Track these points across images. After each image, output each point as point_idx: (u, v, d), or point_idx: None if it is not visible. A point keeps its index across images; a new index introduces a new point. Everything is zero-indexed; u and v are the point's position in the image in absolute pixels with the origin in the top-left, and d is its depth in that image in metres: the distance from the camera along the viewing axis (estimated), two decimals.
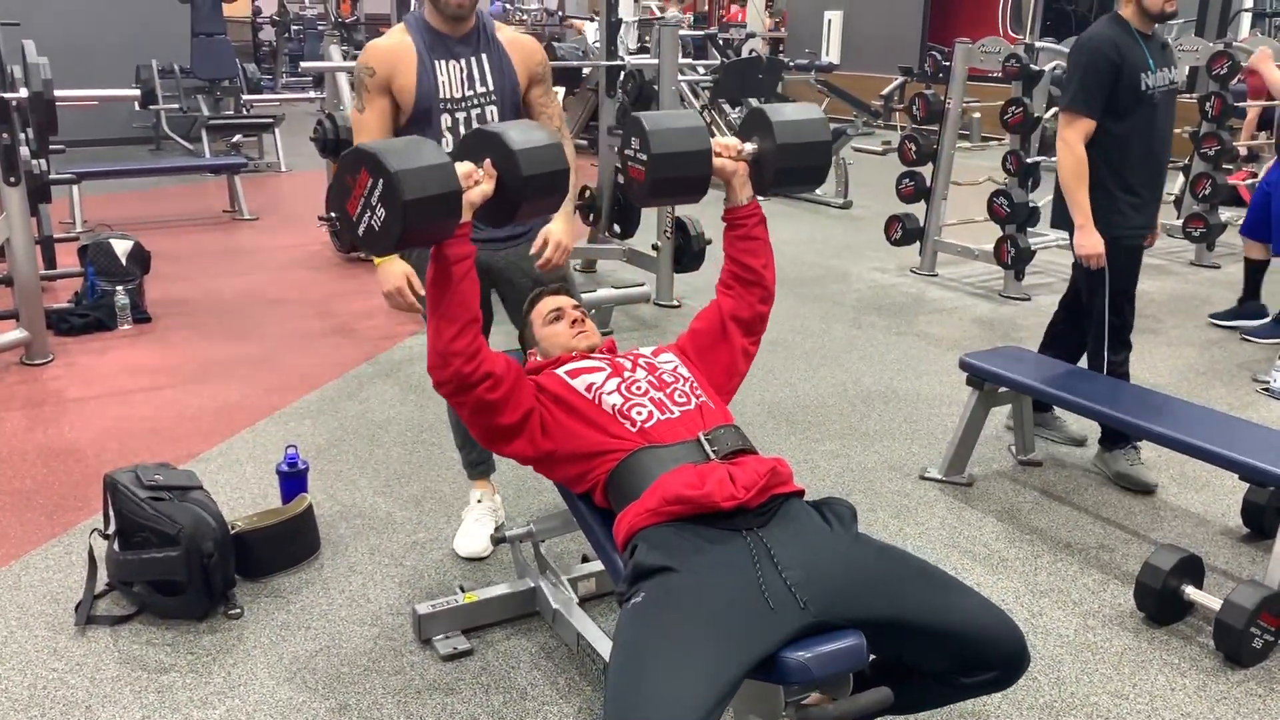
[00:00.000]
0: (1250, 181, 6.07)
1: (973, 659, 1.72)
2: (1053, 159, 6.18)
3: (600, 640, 2.26)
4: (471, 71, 2.62)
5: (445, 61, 2.59)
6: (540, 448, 2.01)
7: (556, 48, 9.33)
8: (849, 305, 5.49)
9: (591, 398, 2.01)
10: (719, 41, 9.68)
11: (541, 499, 3.14)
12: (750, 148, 2.13)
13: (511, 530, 2.49)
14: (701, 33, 10.87)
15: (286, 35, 15.01)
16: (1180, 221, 6.27)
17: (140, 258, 5.04)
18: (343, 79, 5.84)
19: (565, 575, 2.53)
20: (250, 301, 5.31)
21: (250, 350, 4.55)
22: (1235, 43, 6.34)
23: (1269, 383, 4.26)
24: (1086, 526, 3.12)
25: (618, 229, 5.70)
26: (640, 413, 1.97)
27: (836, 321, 5.18)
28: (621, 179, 5.42)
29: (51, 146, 5.19)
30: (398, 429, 3.68)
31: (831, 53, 13.30)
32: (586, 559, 2.74)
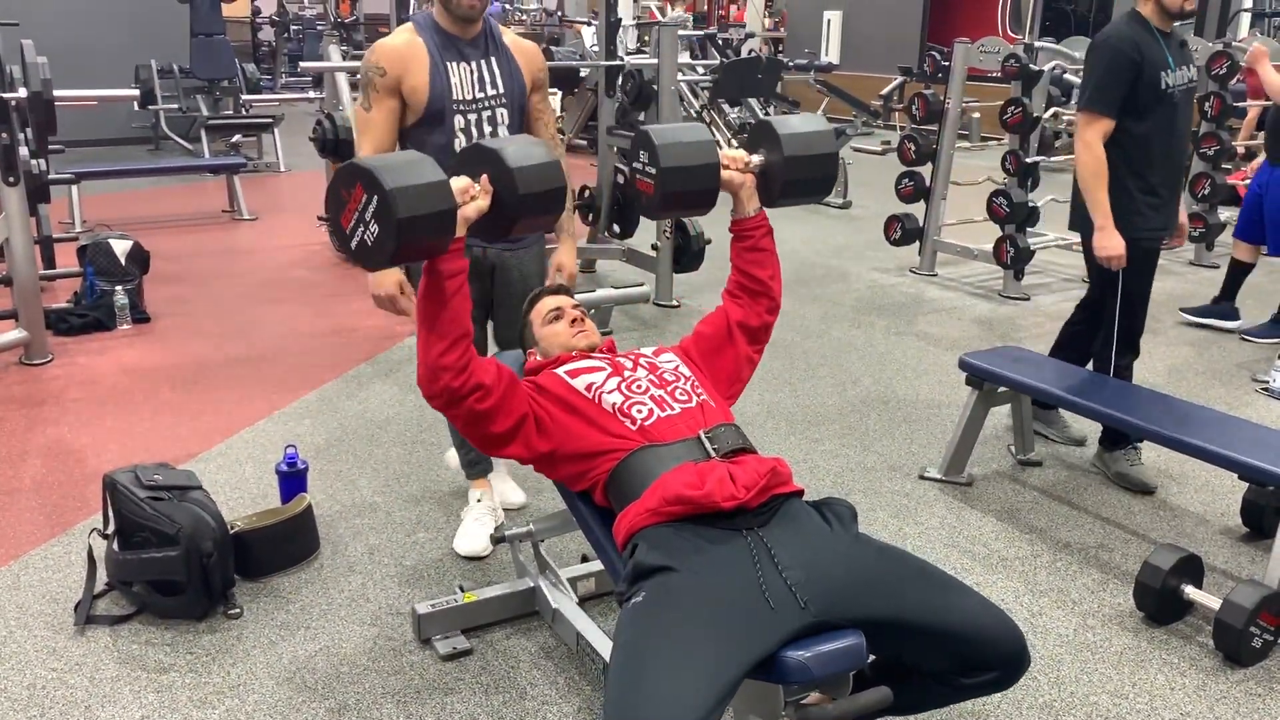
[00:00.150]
0: (1249, 181, 6.07)
1: (973, 659, 1.72)
2: (1052, 159, 6.23)
3: (600, 640, 2.26)
4: (482, 74, 2.64)
5: (456, 63, 2.61)
6: (536, 450, 2.01)
7: (554, 50, 9.32)
8: (848, 305, 5.50)
9: (592, 397, 2.01)
10: (718, 41, 9.66)
11: (541, 498, 3.15)
12: (757, 159, 2.14)
13: (511, 530, 2.49)
14: (700, 32, 10.86)
15: (286, 35, 15.01)
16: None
17: (139, 258, 5.04)
18: (342, 79, 5.84)
19: (565, 575, 2.53)
20: (249, 301, 5.31)
21: (249, 350, 4.55)
22: (1235, 42, 6.34)
23: (1268, 382, 4.27)
24: (1086, 526, 3.12)
25: (617, 229, 5.71)
26: (641, 410, 1.97)
27: (836, 321, 5.18)
28: (623, 185, 5.47)
29: (50, 146, 5.20)
30: (397, 429, 3.68)
31: (831, 53, 13.29)
32: (586, 558, 2.74)
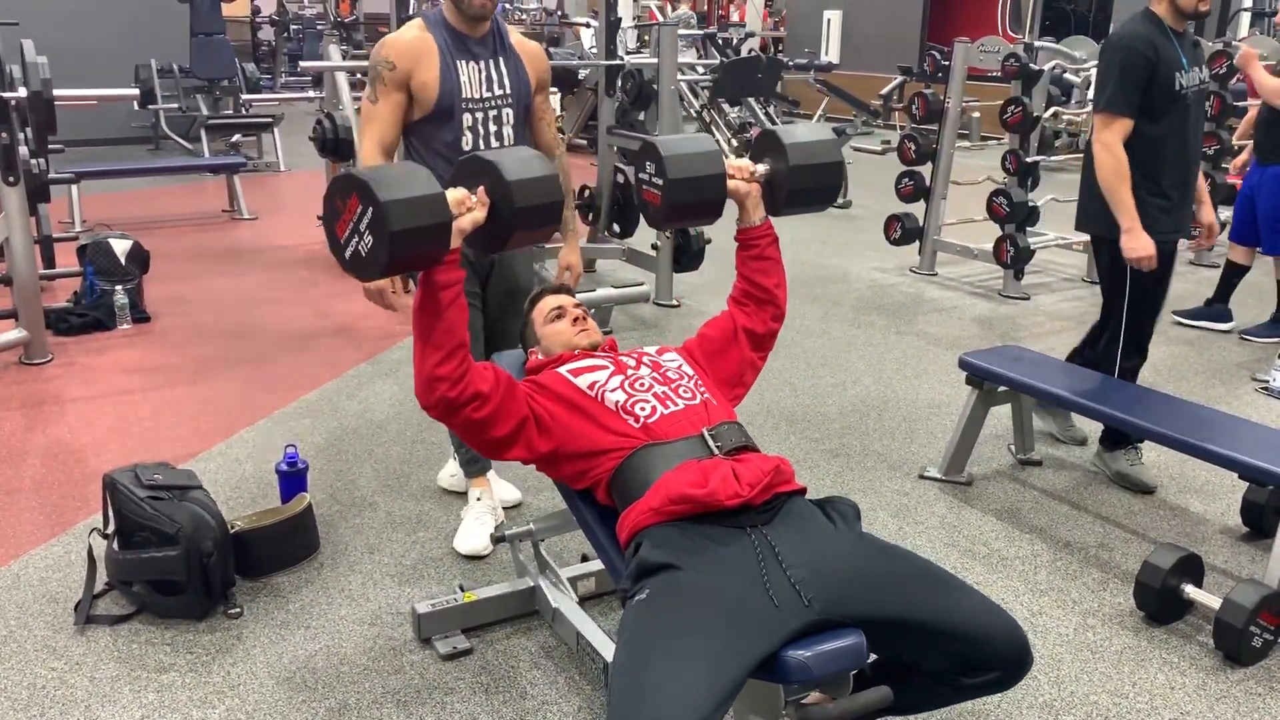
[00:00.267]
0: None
1: (975, 659, 1.71)
2: (1052, 158, 6.22)
3: (600, 640, 2.25)
4: (490, 73, 2.67)
5: (466, 62, 2.63)
6: (538, 451, 2.00)
7: (552, 51, 9.31)
8: (848, 305, 5.50)
9: (594, 395, 2.01)
10: (718, 41, 9.66)
11: (540, 497, 3.14)
12: (763, 169, 2.14)
13: (511, 529, 2.49)
14: (700, 32, 10.86)
15: (285, 35, 15.01)
16: None
17: (139, 257, 5.04)
18: (342, 78, 5.83)
19: (565, 574, 2.53)
20: (249, 301, 5.30)
21: (249, 350, 4.55)
22: (1235, 41, 6.34)
23: (1268, 382, 4.27)
24: (1086, 525, 3.12)
25: (617, 228, 5.71)
26: (644, 408, 1.97)
27: (836, 321, 5.18)
28: (623, 185, 5.47)
29: (50, 146, 5.19)
30: (397, 428, 3.68)
31: (831, 52, 13.29)
32: (586, 558, 2.74)
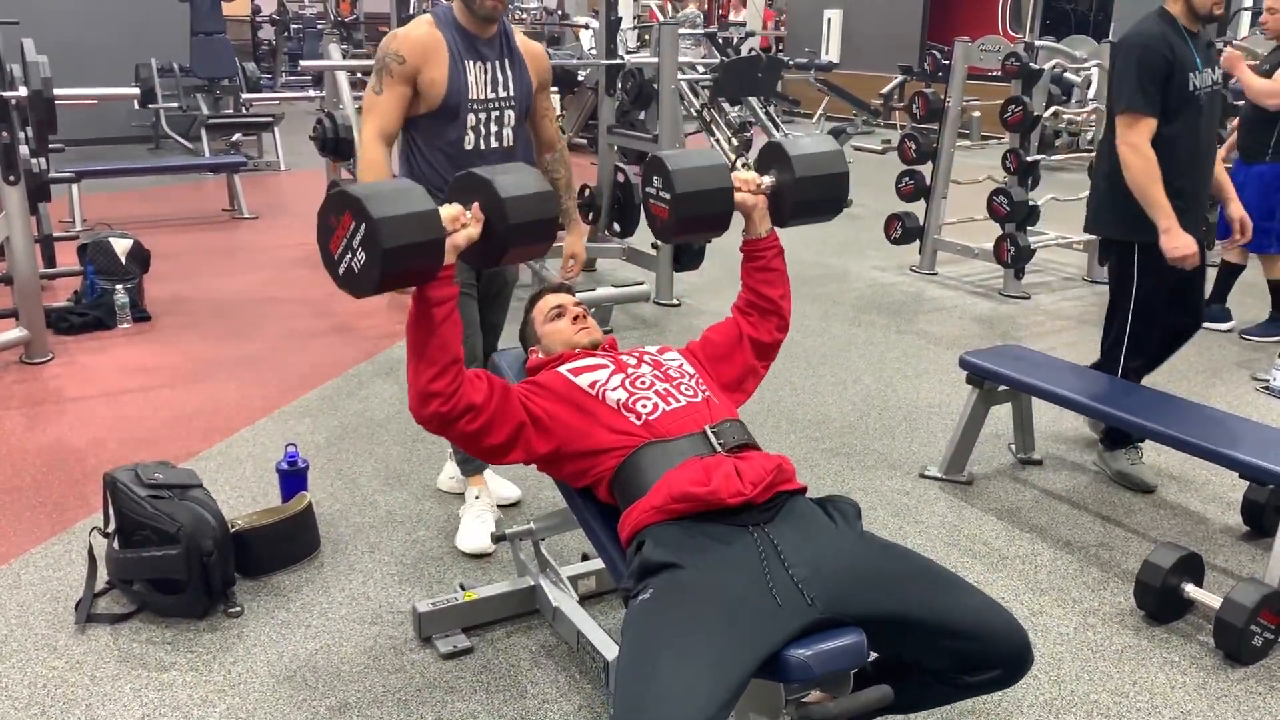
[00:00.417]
0: None
1: (976, 658, 1.71)
2: (1051, 157, 6.22)
3: (601, 639, 2.25)
4: (496, 75, 2.71)
5: (474, 62, 2.67)
6: (537, 453, 2.00)
7: (551, 52, 9.30)
8: (848, 304, 5.50)
9: (595, 394, 2.01)
10: (718, 40, 9.65)
11: (542, 496, 3.15)
12: (769, 181, 2.15)
13: (511, 528, 2.49)
14: (701, 31, 10.86)
15: (286, 34, 15.01)
16: None
17: (140, 256, 5.04)
18: (342, 78, 5.83)
19: (565, 573, 2.53)
20: (250, 300, 5.30)
21: (250, 349, 4.55)
22: (1235, 41, 6.34)
23: (1268, 381, 4.27)
24: (1086, 525, 3.12)
25: (617, 228, 5.71)
26: (645, 405, 1.97)
27: (836, 320, 5.18)
28: (623, 184, 5.47)
29: (51, 145, 5.18)
30: (397, 427, 3.68)
31: (831, 51, 13.29)
32: (586, 557, 2.74)
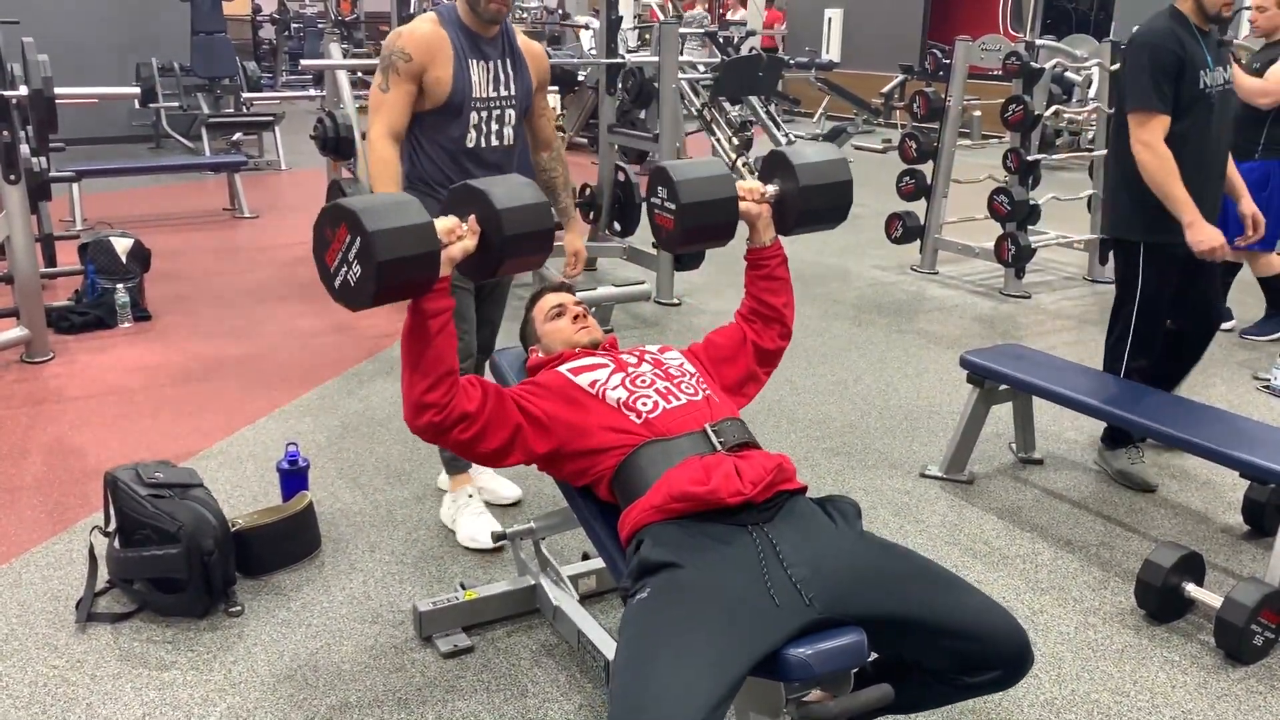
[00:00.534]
0: None
1: (976, 658, 1.71)
2: (1052, 157, 6.22)
3: (601, 638, 2.26)
4: (498, 74, 2.75)
5: (478, 61, 2.71)
6: (536, 454, 2.00)
7: (551, 52, 9.31)
8: (849, 303, 5.50)
9: (595, 393, 2.01)
10: (719, 39, 9.65)
11: (543, 495, 3.15)
12: (773, 190, 2.15)
13: (512, 527, 2.49)
14: (702, 30, 10.86)
15: (286, 33, 15.02)
16: None
17: (140, 256, 5.04)
18: (343, 77, 5.83)
19: (566, 572, 2.53)
20: (250, 299, 5.31)
21: (250, 348, 4.55)
22: (1236, 41, 6.34)
23: (1269, 380, 4.27)
24: (1087, 524, 3.12)
25: (618, 227, 5.71)
26: (645, 403, 1.97)
27: (837, 319, 5.18)
28: (624, 183, 5.47)
29: (51, 144, 5.18)
30: (398, 426, 3.68)
31: (832, 51, 13.29)
32: (587, 556, 2.74)
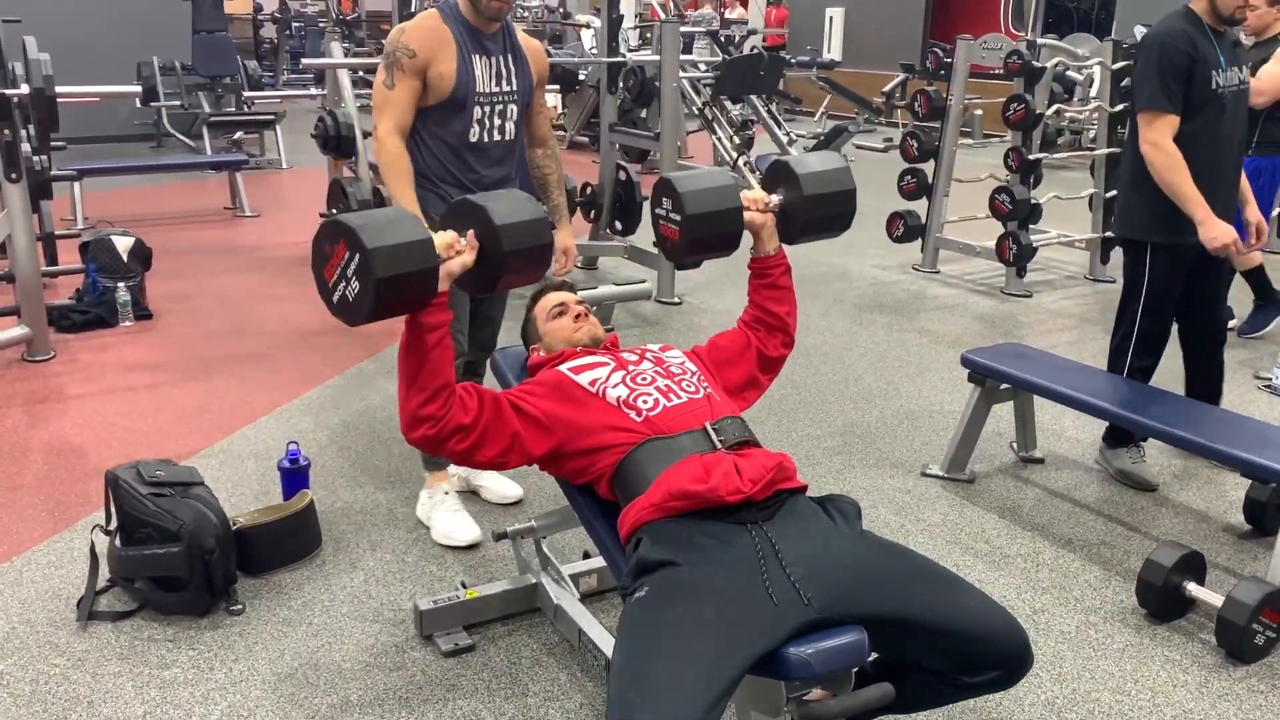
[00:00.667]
0: None
1: (976, 658, 1.71)
2: (1054, 156, 6.22)
3: (602, 637, 2.26)
4: (501, 69, 2.77)
5: (480, 56, 2.73)
6: (535, 455, 2.01)
7: (552, 51, 9.31)
8: (850, 302, 5.49)
9: (596, 392, 2.01)
10: (720, 38, 9.65)
11: (543, 494, 3.15)
12: (777, 199, 2.16)
13: (513, 526, 2.49)
14: (703, 29, 10.86)
15: (288, 32, 15.03)
16: None
17: (142, 254, 5.04)
18: (344, 76, 5.83)
19: (566, 571, 2.53)
20: (251, 298, 5.31)
21: (251, 347, 4.55)
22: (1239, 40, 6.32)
23: (1270, 379, 4.27)
24: (1088, 523, 3.11)
25: (619, 226, 5.71)
26: (646, 401, 1.98)
27: (838, 318, 5.18)
28: (625, 182, 5.47)
29: (53, 143, 5.19)
30: (399, 425, 3.67)
31: (833, 50, 13.28)
32: (588, 555, 2.74)
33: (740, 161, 7.19)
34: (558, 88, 8.63)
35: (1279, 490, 2.97)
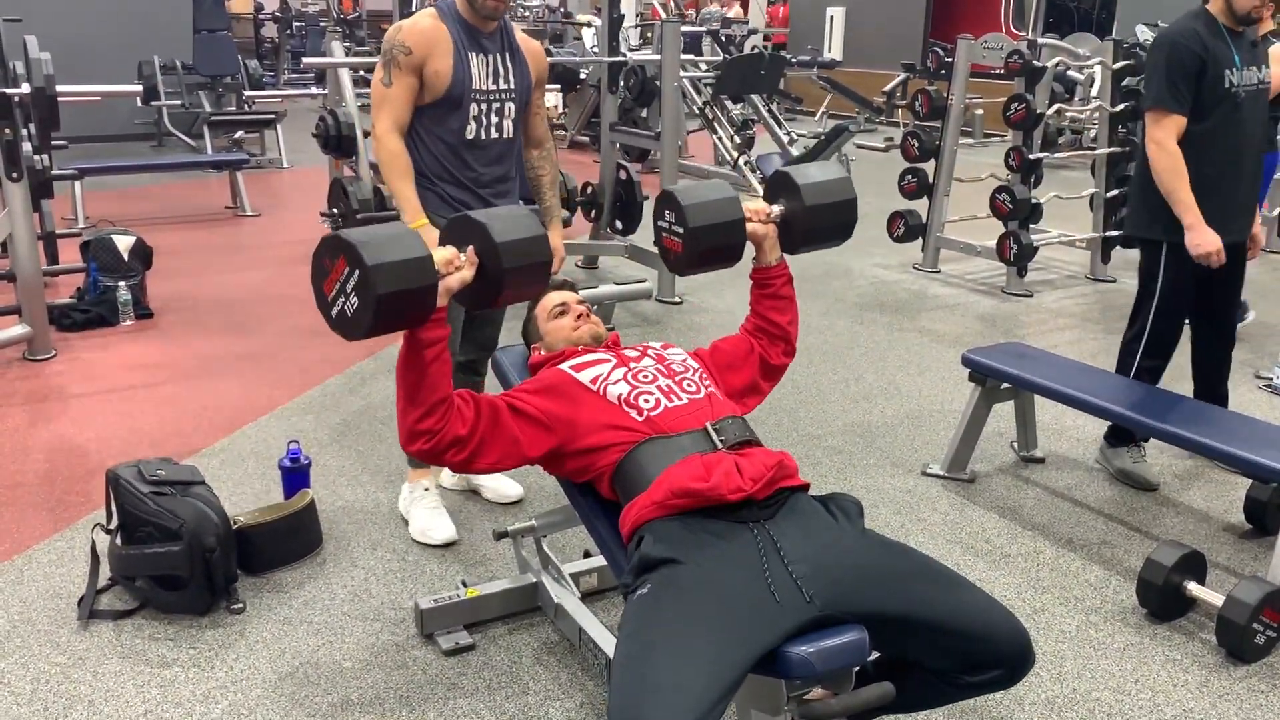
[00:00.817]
0: None
1: (977, 657, 1.71)
2: (1054, 155, 6.21)
3: (603, 636, 2.26)
4: (498, 67, 2.77)
5: (477, 54, 2.73)
6: (534, 457, 2.01)
7: (552, 50, 9.31)
8: (851, 302, 5.49)
9: (597, 389, 2.01)
10: (720, 37, 9.65)
11: (544, 493, 3.15)
12: (778, 210, 2.17)
13: (513, 525, 2.49)
14: (704, 29, 10.86)
15: (288, 31, 15.03)
16: None
17: (142, 253, 5.04)
18: (345, 75, 5.83)
19: (567, 570, 2.53)
20: (252, 297, 5.31)
21: (252, 346, 4.55)
22: None
23: (1271, 379, 4.26)
24: (1089, 523, 3.12)
25: (620, 225, 5.71)
26: (648, 400, 1.98)
27: (839, 318, 5.18)
28: (625, 182, 5.47)
29: (54, 142, 5.19)
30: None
31: (834, 49, 13.27)
32: (588, 554, 2.74)
33: (741, 161, 7.19)
34: (558, 87, 8.64)
35: (1279, 490, 2.97)
